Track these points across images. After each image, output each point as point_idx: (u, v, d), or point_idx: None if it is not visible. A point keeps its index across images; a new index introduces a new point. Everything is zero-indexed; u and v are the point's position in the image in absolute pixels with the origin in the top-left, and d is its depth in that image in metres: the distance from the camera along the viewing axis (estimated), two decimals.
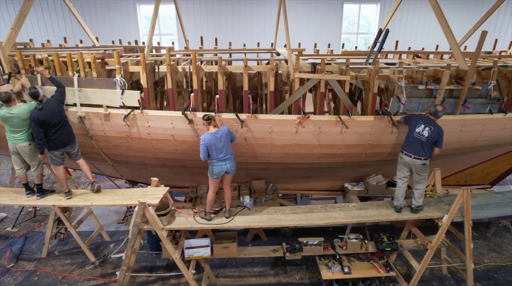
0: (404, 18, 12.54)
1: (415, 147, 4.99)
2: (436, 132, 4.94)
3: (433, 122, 5.01)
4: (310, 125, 5.34)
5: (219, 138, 4.74)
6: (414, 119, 5.11)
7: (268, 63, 7.06)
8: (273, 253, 5.78)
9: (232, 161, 4.95)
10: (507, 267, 6.48)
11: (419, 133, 4.97)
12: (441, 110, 4.97)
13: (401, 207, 5.33)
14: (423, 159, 5.02)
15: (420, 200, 5.30)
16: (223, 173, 4.97)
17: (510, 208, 5.42)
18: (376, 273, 5.58)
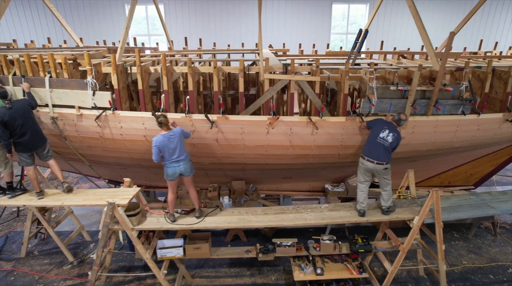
0: (394, 18, 12.48)
1: (378, 152, 5.00)
2: (397, 140, 5.03)
3: (396, 129, 5.06)
4: (281, 126, 5.34)
5: (173, 139, 4.75)
6: (378, 124, 5.11)
7: (252, 64, 7.10)
8: (247, 254, 5.79)
9: (187, 162, 4.94)
10: (485, 269, 6.45)
11: (383, 139, 4.98)
12: (404, 119, 5.02)
13: (365, 210, 5.32)
14: (385, 164, 5.03)
15: (389, 201, 5.28)
16: (178, 174, 4.97)
17: (482, 210, 5.39)
18: (348, 275, 5.58)
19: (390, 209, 5.35)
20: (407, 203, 5.66)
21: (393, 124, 5.06)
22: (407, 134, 5.59)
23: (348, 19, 12.47)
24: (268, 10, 12.08)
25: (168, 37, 8.48)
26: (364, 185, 5.28)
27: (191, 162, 5.05)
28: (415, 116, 5.48)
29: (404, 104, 5.28)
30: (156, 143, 4.73)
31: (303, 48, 8.71)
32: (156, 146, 4.73)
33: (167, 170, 4.91)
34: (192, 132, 5.44)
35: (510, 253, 6.88)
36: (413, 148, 5.90)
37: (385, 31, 12.54)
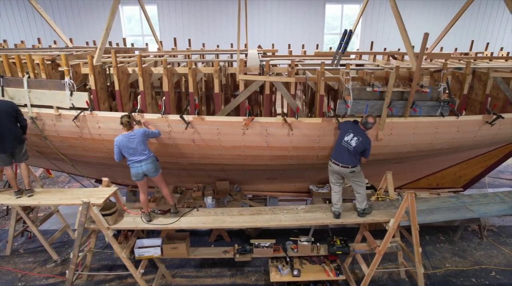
0: (388, 18, 12.39)
1: (343, 155, 4.98)
2: (362, 144, 4.95)
3: (363, 133, 5.00)
4: (257, 127, 5.34)
5: (133, 139, 4.78)
6: (345, 127, 5.08)
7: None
8: (224, 255, 5.80)
9: (149, 163, 4.95)
10: (468, 272, 6.39)
11: (347, 142, 4.95)
12: (371, 122, 4.97)
13: (339, 212, 5.29)
14: (350, 167, 5.00)
15: (363, 203, 5.25)
16: (142, 174, 4.99)
17: (460, 213, 5.33)
18: (325, 277, 5.56)
19: (366, 211, 5.32)
20: (384, 205, 5.62)
21: (360, 128, 5.01)
22: (385, 135, 5.56)
23: (342, 19, 12.42)
24: (261, 10, 12.09)
25: (156, 37, 8.54)
26: (336, 186, 5.26)
27: (156, 162, 5.07)
28: (393, 118, 5.44)
29: (380, 106, 5.24)
30: (116, 142, 4.79)
31: (296, 48, 8.72)
32: (116, 145, 4.80)
33: (131, 170, 4.95)
34: (169, 132, 5.47)
35: (495, 256, 6.80)
36: (393, 149, 5.86)
37: (379, 31, 12.46)
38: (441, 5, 12.22)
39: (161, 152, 5.77)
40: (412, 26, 12.48)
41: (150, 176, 5.08)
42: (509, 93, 5.54)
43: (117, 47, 8.94)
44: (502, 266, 6.50)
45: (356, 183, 5.16)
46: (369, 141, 5.00)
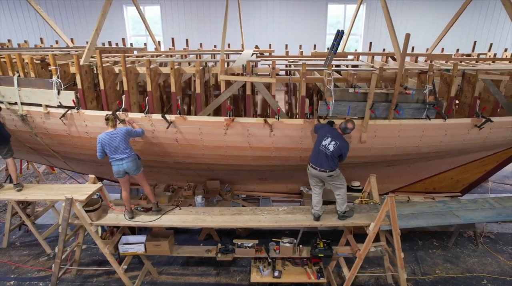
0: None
1: (321, 159, 4.91)
2: (340, 149, 4.87)
3: (340, 137, 4.91)
4: (238, 128, 5.36)
5: (115, 137, 4.86)
6: (323, 130, 5.01)
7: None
8: (207, 253, 5.83)
9: (131, 161, 5.03)
10: (458, 279, 6.22)
11: (325, 147, 4.88)
12: (350, 127, 4.89)
13: (319, 214, 5.24)
14: (328, 171, 4.94)
15: (343, 206, 5.19)
16: (123, 172, 5.07)
17: (444, 218, 5.20)
18: (306, 279, 5.53)
19: (346, 214, 5.26)
20: (367, 209, 5.54)
21: (338, 133, 4.93)
22: (369, 138, 5.48)
23: (345, 19, 12.28)
24: (263, 10, 12.09)
25: (153, 37, 8.66)
26: (317, 189, 5.21)
27: (138, 161, 5.15)
28: (377, 120, 5.35)
29: (363, 107, 5.17)
30: (99, 139, 4.89)
31: (296, 48, 8.71)
32: (99, 143, 4.90)
33: (112, 167, 5.04)
34: (152, 132, 5.55)
35: (489, 264, 6.60)
36: (378, 152, 5.76)
37: (382, 32, 12.25)
38: (446, 4, 11.92)
39: (147, 151, 5.86)
40: (417, 26, 12.27)
41: (132, 174, 5.17)
42: (498, 96, 5.37)
43: (116, 47, 9.13)
44: (495, 274, 6.31)
45: (335, 185, 5.10)
46: (347, 145, 4.92)
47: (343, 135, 4.95)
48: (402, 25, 12.25)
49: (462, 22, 11.82)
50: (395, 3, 11.85)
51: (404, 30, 12.91)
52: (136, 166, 5.13)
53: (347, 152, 4.94)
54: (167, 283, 6.18)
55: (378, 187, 7.91)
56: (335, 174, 5.00)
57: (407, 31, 12.41)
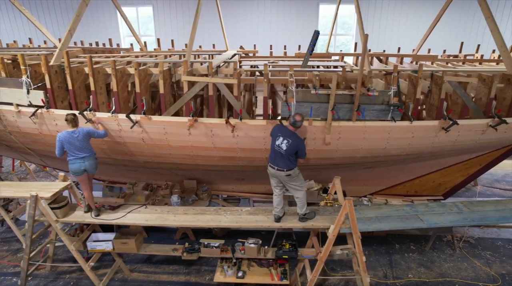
0: (378, 18, 11.99)
1: (277, 159, 4.87)
2: (293, 146, 4.77)
3: (292, 135, 4.82)
4: (202, 128, 5.39)
5: (76, 137, 4.93)
6: (275, 131, 4.96)
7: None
8: (173, 252, 5.88)
9: (91, 160, 5.10)
10: (430, 284, 6.13)
11: (279, 146, 4.82)
12: (299, 120, 4.80)
13: (279, 216, 5.22)
14: (285, 170, 4.89)
15: (303, 208, 5.16)
16: (82, 170, 5.14)
17: (408, 222, 5.12)
18: (269, 280, 5.52)
19: (306, 216, 5.23)
20: (330, 211, 5.50)
21: (290, 130, 4.86)
22: (334, 140, 5.43)
23: (336, 19, 12.14)
24: (254, 10, 12.09)
25: (137, 38, 8.77)
26: (277, 190, 5.20)
27: (96, 160, 5.22)
28: (341, 122, 5.31)
29: (325, 109, 5.13)
30: (59, 138, 4.97)
31: (289, 49, 8.72)
32: (59, 141, 4.98)
33: (71, 166, 5.11)
34: (119, 131, 5.62)
35: (464, 269, 6.48)
36: (344, 154, 5.71)
37: (374, 32, 12.11)
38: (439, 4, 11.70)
39: (116, 150, 5.95)
40: (410, 26, 12.09)
41: (90, 172, 5.24)
42: (466, 98, 5.26)
43: (102, 47, 9.28)
44: (468, 279, 6.19)
45: (294, 187, 5.07)
46: (301, 141, 4.83)
47: (295, 131, 4.87)
48: (395, 25, 12.10)
49: (452, 22, 11.63)
50: (387, 3, 11.70)
51: (397, 30, 12.75)
52: (95, 165, 5.21)
53: (303, 147, 4.84)
54: (138, 281, 6.26)
55: (358, 189, 7.89)
56: (293, 174, 4.96)
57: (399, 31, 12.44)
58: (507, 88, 5.37)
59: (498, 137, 5.68)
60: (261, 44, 9.72)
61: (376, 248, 7.16)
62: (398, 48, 8.98)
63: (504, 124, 5.27)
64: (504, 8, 11.88)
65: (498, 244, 7.25)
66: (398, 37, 11.92)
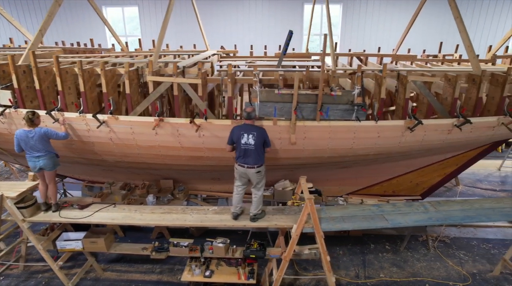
0: (364, 17, 11.98)
1: (247, 157, 4.91)
2: (259, 137, 4.83)
3: (253, 127, 4.89)
4: (168, 128, 5.41)
5: (31, 137, 4.95)
6: (235, 132, 4.97)
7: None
8: (142, 251, 5.90)
9: (47, 159, 5.11)
10: (401, 283, 6.15)
11: (247, 144, 4.84)
12: (250, 111, 4.86)
13: (237, 214, 5.26)
14: (256, 167, 4.94)
15: (257, 209, 5.21)
16: (38, 168, 5.17)
17: (372, 222, 5.11)
18: (236, 280, 5.54)
19: (257, 216, 5.29)
20: (296, 210, 5.51)
21: (249, 124, 4.90)
22: (299, 139, 5.45)
23: (322, 19, 12.17)
24: (239, 10, 12.11)
25: (117, 38, 8.79)
26: (240, 189, 5.23)
27: (55, 159, 5.24)
28: (306, 122, 5.32)
29: (289, 109, 5.15)
30: (16, 135, 5.02)
31: (272, 49, 8.76)
32: (16, 138, 5.03)
33: (28, 162, 5.16)
34: (88, 131, 5.64)
35: (436, 268, 6.49)
36: (311, 153, 5.72)
37: (360, 31, 12.11)
38: None
39: (86, 150, 5.97)
40: (396, 26, 12.08)
41: (47, 170, 5.26)
42: (430, 98, 5.26)
43: (83, 48, 9.31)
44: (439, 279, 6.21)
45: (257, 186, 5.11)
46: (263, 129, 4.91)
47: (253, 123, 4.94)
48: (380, 24, 12.10)
49: (435, 23, 11.62)
50: (372, 2, 11.70)
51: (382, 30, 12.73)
52: (53, 164, 5.23)
53: (267, 135, 4.92)
54: (110, 280, 6.28)
55: (335, 189, 7.90)
56: (262, 171, 5.03)
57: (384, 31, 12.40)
58: (472, 88, 5.37)
59: (465, 137, 5.68)
60: (246, 44, 9.74)
61: (351, 248, 7.17)
62: (378, 48, 8.99)
63: (469, 124, 5.27)
64: (503, 6, 11.85)
65: (473, 243, 7.26)
66: (384, 36, 11.92)
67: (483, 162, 11.29)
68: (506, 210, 5.34)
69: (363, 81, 5.13)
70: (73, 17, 12.58)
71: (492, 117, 5.45)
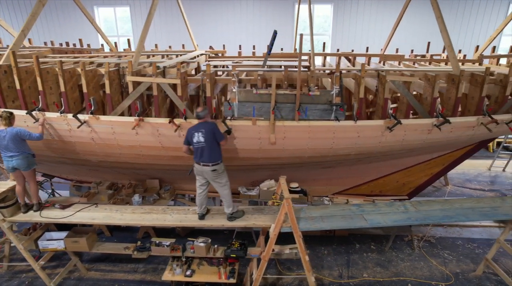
0: (355, 17, 11.97)
1: (202, 155, 4.93)
2: (209, 131, 4.85)
3: (203, 124, 4.92)
4: (148, 128, 5.42)
5: (3, 137, 4.96)
6: (189, 133, 5.00)
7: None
8: (125, 251, 5.92)
9: (21, 159, 5.11)
10: (383, 283, 6.16)
11: (198, 142, 4.87)
12: (200, 111, 4.90)
13: (203, 214, 5.31)
14: (211, 165, 4.95)
15: (230, 207, 5.24)
16: (11, 168, 5.18)
17: (350, 222, 5.12)
18: (217, 279, 5.56)
19: (234, 215, 5.31)
20: (275, 210, 5.52)
21: (198, 123, 4.96)
22: (279, 139, 5.46)
23: (313, 19, 12.14)
24: (230, 10, 12.12)
25: (106, 38, 8.81)
26: (200, 190, 5.29)
27: (30, 159, 5.22)
28: (285, 121, 5.33)
29: (267, 109, 5.16)
30: None
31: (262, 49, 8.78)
32: None
33: (4, 162, 5.17)
34: (69, 131, 5.66)
35: (420, 268, 6.51)
36: (292, 153, 5.73)
37: (351, 31, 12.11)
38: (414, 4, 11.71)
39: (68, 150, 5.99)
40: (387, 26, 12.06)
41: (22, 170, 5.27)
42: (409, 98, 5.27)
43: (72, 48, 9.33)
44: (422, 278, 6.23)
45: (219, 184, 5.15)
46: (213, 124, 4.93)
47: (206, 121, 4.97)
48: (371, 24, 12.09)
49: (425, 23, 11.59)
50: (363, 2, 11.70)
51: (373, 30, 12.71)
52: (27, 164, 5.21)
53: (216, 127, 4.96)
54: (93, 279, 6.30)
55: (321, 189, 7.91)
56: (219, 169, 5.03)
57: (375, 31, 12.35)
58: (451, 88, 5.37)
59: (446, 137, 5.69)
60: (238, 44, 9.74)
61: (336, 248, 7.18)
62: (367, 48, 8.99)
63: (448, 123, 5.28)
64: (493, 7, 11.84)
65: (458, 243, 7.27)
66: (375, 36, 11.91)
67: (474, 161, 11.36)
68: (485, 210, 5.35)
69: (341, 81, 5.14)
70: (65, 17, 12.60)
71: (472, 117, 5.45)
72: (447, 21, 11.98)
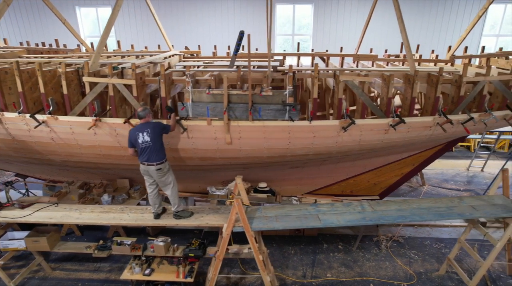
0: (335, 17, 11.95)
1: (148, 155, 4.96)
2: (154, 130, 4.92)
3: (147, 124, 4.96)
4: (106, 128, 5.46)
5: None
6: (132, 135, 5.02)
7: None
8: (86, 250, 5.97)
9: None
10: (346, 283, 6.17)
11: (144, 142, 4.90)
12: (140, 110, 4.96)
13: (158, 213, 5.33)
14: (156, 164, 4.97)
15: (175, 206, 5.30)
16: None
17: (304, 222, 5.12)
18: (175, 278, 5.59)
19: (179, 214, 5.36)
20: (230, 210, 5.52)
21: (141, 124, 5.01)
22: (235, 139, 5.48)
23: (294, 19, 12.17)
24: (211, 10, 12.15)
25: (80, 39, 8.86)
26: (150, 189, 5.32)
27: None
28: (240, 121, 5.34)
29: (221, 109, 5.18)
30: None
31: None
32: None
33: None
34: (28, 131, 5.70)
35: (384, 268, 6.51)
36: (249, 153, 5.74)
37: (332, 31, 12.11)
38: None
39: (29, 150, 6.03)
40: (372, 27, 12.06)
41: None
42: (364, 98, 5.28)
43: (47, 48, 9.38)
44: (386, 278, 6.23)
45: (164, 182, 5.19)
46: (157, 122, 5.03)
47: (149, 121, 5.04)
48: (352, 24, 12.09)
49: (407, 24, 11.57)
50: (343, 3, 11.70)
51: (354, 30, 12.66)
52: None
53: (159, 124, 5.04)
54: (57, 279, 6.33)
55: (292, 189, 7.92)
56: (164, 168, 5.06)
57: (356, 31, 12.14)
58: (408, 88, 5.38)
59: (403, 137, 5.69)
60: (218, 44, 9.75)
61: (303, 247, 7.19)
62: (341, 48, 8.98)
63: (403, 123, 5.28)
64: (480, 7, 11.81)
65: (426, 243, 7.27)
66: (356, 37, 11.86)
67: (454, 161, 11.35)
68: (441, 210, 5.34)
69: (294, 81, 5.15)
70: (46, 17, 12.65)
71: (428, 117, 5.45)
72: (426, 21, 12.05)
